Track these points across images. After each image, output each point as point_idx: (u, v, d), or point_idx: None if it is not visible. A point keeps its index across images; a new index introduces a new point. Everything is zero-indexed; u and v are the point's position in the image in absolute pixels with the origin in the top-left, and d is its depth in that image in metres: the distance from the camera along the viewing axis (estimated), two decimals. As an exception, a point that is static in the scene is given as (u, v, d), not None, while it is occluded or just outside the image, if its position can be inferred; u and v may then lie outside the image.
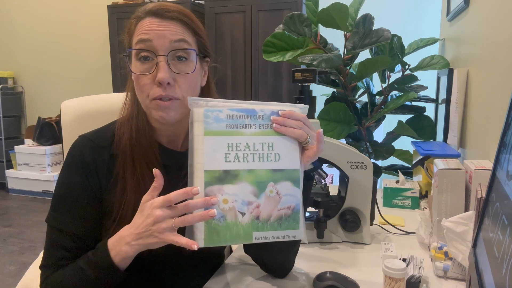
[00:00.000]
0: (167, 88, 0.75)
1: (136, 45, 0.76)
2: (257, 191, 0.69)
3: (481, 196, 0.67)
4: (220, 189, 0.67)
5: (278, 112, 0.72)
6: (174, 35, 0.76)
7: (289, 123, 0.71)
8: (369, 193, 1.03)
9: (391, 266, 0.72)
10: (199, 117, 0.68)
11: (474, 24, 1.42)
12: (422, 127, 1.71)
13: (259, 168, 0.69)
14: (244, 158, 0.69)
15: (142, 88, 0.77)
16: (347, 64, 1.68)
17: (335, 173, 2.63)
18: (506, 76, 1.02)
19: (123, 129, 0.82)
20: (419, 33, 2.25)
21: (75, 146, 0.82)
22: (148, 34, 0.75)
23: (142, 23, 0.77)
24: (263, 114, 0.71)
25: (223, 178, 0.67)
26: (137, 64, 0.77)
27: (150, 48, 0.75)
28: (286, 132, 0.71)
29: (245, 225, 0.67)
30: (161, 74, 0.74)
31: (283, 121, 0.71)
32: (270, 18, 3.20)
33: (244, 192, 0.68)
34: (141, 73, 0.76)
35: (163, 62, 0.75)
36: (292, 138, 0.72)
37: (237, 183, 0.68)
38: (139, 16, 0.78)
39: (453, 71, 1.57)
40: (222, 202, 0.66)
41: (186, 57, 0.78)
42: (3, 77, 4.49)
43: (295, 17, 1.69)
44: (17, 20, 4.55)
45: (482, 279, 0.53)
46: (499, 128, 0.99)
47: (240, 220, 0.67)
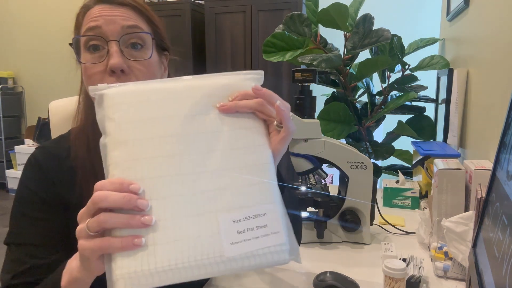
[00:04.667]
0: (121, 77, 0.66)
1: (84, 34, 0.68)
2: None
3: (481, 196, 0.67)
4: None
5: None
6: (126, 20, 0.68)
7: (244, 105, 0.54)
8: (369, 193, 1.03)
9: (391, 266, 0.72)
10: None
11: (474, 24, 1.42)
12: (422, 127, 1.71)
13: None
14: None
15: (92, 79, 0.68)
16: (347, 64, 1.68)
17: (335, 173, 2.63)
18: (506, 76, 1.02)
19: (78, 141, 0.73)
20: (419, 33, 2.25)
21: (31, 159, 0.74)
22: (97, 21, 0.67)
23: (90, 12, 0.69)
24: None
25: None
26: (86, 55, 0.69)
27: (100, 34, 0.67)
28: (239, 108, 0.54)
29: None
30: (113, 60, 0.65)
31: (234, 105, 0.54)
32: (270, 18, 3.20)
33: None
34: (91, 63, 0.68)
35: (116, 48, 0.66)
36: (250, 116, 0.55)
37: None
38: (87, 5, 0.71)
39: (453, 71, 1.57)
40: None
41: (141, 44, 0.69)
42: (3, 77, 4.49)
43: (295, 17, 1.69)
44: (17, 20, 4.55)
45: (482, 279, 0.53)
46: (499, 128, 0.99)
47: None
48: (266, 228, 0.50)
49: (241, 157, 0.53)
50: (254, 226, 0.50)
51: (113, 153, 0.49)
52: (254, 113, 0.56)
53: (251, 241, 0.49)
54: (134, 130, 0.50)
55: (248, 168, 0.53)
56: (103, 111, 0.51)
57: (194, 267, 0.47)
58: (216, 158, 0.52)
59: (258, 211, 0.51)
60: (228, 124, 0.54)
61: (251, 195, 0.51)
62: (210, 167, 0.51)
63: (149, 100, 0.52)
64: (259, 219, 0.51)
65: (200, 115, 0.53)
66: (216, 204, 0.50)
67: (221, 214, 0.49)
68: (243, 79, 0.57)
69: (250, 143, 0.54)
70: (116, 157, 0.49)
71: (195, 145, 0.52)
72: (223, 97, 0.55)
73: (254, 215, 0.50)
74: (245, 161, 0.53)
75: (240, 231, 0.49)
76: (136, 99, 0.52)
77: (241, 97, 0.54)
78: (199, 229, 0.48)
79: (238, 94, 0.55)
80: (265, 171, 0.53)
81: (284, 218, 0.53)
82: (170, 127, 0.51)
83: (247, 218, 0.50)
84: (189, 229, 0.48)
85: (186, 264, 0.46)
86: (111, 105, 0.51)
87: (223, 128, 0.54)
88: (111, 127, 0.50)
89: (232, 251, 0.48)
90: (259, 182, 0.53)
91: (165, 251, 0.46)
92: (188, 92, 0.54)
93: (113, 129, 0.50)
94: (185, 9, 3.39)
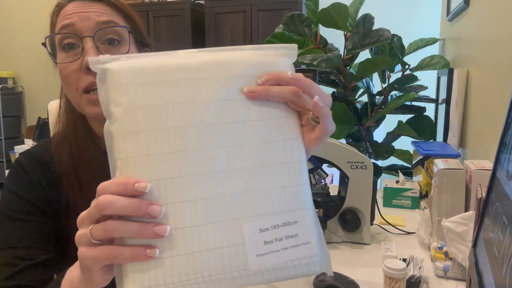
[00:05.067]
0: None
1: (58, 32, 0.66)
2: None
3: (481, 196, 0.67)
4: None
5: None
6: (101, 16, 0.65)
7: (276, 93, 0.46)
8: (369, 193, 1.03)
9: (391, 266, 0.72)
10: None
11: (474, 24, 1.42)
12: (422, 127, 1.71)
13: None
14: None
15: (69, 79, 0.65)
16: (347, 64, 1.68)
17: (335, 173, 2.63)
18: (506, 76, 1.02)
19: (60, 147, 0.70)
20: (419, 33, 2.25)
21: (15, 165, 0.71)
22: (71, 18, 0.64)
23: (64, 10, 0.66)
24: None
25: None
26: (61, 55, 0.66)
27: (74, 31, 0.64)
28: (270, 96, 0.46)
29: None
30: (89, 56, 0.62)
31: (265, 92, 0.45)
32: (270, 18, 3.20)
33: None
34: (66, 62, 0.65)
35: (90, 44, 0.63)
36: (281, 105, 0.47)
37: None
38: (61, 3, 0.68)
39: (453, 71, 1.57)
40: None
41: (118, 40, 0.66)
42: (3, 77, 4.49)
43: (295, 17, 1.69)
44: (17, 20, 4.55)
45: (482, 279, 0.53)
46: (499, 128, 0.99)
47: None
48: (296, 238, 0.44)
49: (270, 154, 0.46)
50: (283, 235, 0.44)
51: (121, 145, 0.42)
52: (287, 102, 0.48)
53: (279, 252, 0.44)
54: (146, 118, 0.42)
55: (278, 166, 0.46)
56: (107, 92, 0.43)
57: (216, 281, 0.42)
58: (242, 154, 0.45)
59: (289, 219, 0.45)
60: (256, 112, 0.46)
61: (281, 199, 0.45)
62: (235, 165, 0.44)
63: (164, 81, 0.44)
64: (289, 228, 0.45)
65: (224, 101, 0.45)
66: (241, 210, 0.43)
67: (247, 222, 0.43)
68: (273, 54, 0.48)
69: (281, 136, 0.46)
70: (125, 151, 0.42)
71: (218, 138, 0.44)
72: (251, 78, 0.46)
73: (283, 223, 0.44)
74: (274, 158, 0.46)
75: (267, 241, 0.43)
76: (148, 79, 0.43)
77: (273, 81, 0.46)
78: (221, 239, 0.42)
79: (269, 77, 0.46)
80: (298, 170, 0.46)
81: (316, 226, 0.46)
82: (189, 115, 0.43)
83: (275, 226, 0.44)
84: (210, 238, 0.42)
85: (206, 278, 0.41)
86: (118, 85, 0.43)
87: (250, 117, 0.46)
88: (118, 113, 0.42)
89: (257, 263, 0.43)
90: (290, 184, 0.45)
91: (182, 263, 0.41)
92: (211, 72, 0.45)
93: (120, 115, 0.42)
94: (185, 9, 3.40)
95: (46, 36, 0.68)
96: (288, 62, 0.49)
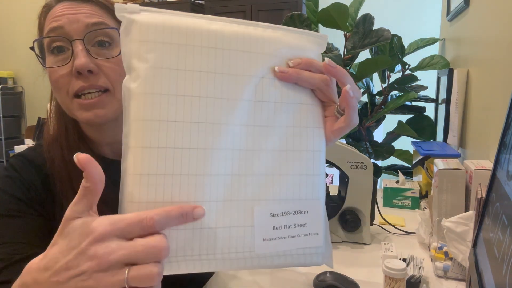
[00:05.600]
0: (90, 78, 0.61)
1: (46, 35, 0.63)
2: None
3: (481, 196, 0.67)
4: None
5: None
6: (90, 18, 0.62)
7: (306, 78, 0.45)
8: (369, 193, 1.03)
9: (391, 266, 0.72)
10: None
11: (474, 24, 1.42)
12: (422, 127, 1.71)
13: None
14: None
15: (58, 84, 0.63)
16: (347, 64, 1.68)
17: (335, 173, 2.63)
18: (506, 76, 1.02)
19: (52, 151, 0.68)
20: (419, 33, 2.24)
21: (7, 167, 0.70)
22: (59, 21, 0.62)
23: (52, 11, 0.64)
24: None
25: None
26: (50, 58, 0.64)
27: (63, 34, 0.61)
28: (300, 80, 0.45)
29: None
30: (79, 60, 0.60)
31: (296, 75, 0.44)
32: (270, 18, 3.20)
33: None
34: (55, 66, 0.62)
35: (80, 47, 0.61)
36: (308, 92, 0.46)
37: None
38: (48, 4, 0.66)
39: (453, 71, 1.57)
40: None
41: (109, 42, 0.64)
42: (3, 77, 4.49)
43: (295, 17, 1.69)
44: (17, 20, 4.55)
45: (482, 279, 0.53)
46: (499, 128, 0.99)
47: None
48: (305, 228, 0.44)
49: (291, 139, 0.44)
50: (292, 223, 0.44)
51: (140, 105, 0.39)
52: (314, 90, 0.46)
53: (286, 239, 0.43)
54: (170, 81, 0.40)
55: (297, 153, 0.44)
56: (131, 44, 0.40)
57: (219, 260, 0.41)
58: (263, 135, 0.43)
59: (300, 207, 0.44)
60: (283, 94, 0.44)
61: (296, 187, 0.44)
62: (255, 145, 0.43)
63: (194, 45, 0.41)
64: (299, 217, 0.44)
65: (253, 77, 0.43)
66: (255, 191, 0.42)
67: (259, 205, 0.42)
68: (305, 40, 0.47)
69: (304, 123, 0.45)
70: (143, 112, 0.39)
71: (242, 115, 0.42)
72: (282, 58, 0.45)
73: (294, 211, 0.44)
74: (294, 144, 0.44)
75: (276, 227, 0.43)
76: (177, 39, 0.40)
77: (304, 65, 0.44)
78: (230, 218, 0.41)
79: (301, 61, 0.45)
80: (316, 160, 0.45)
81: (325, 217, 0.46)
82: (216, 87, 0.41)
83: (286, 213, 0.43)
84: (220, 216, 0.40)
85: (210, 256, 0.40)
86: (145, 41, 0.40)
87: (277, 98, 0.44)
88: (142, 70, 0.40)
89: (263, 248, 0.42)
90: (307, 173, 0.44)
91: (188, 238, 0.39)
92: (243, 45, 0.43)
93: (143, 73, 0.40)
94: (185, 9, 3.40)
95: (34, 40, 0.66)
96: (318, 50, 0.48)
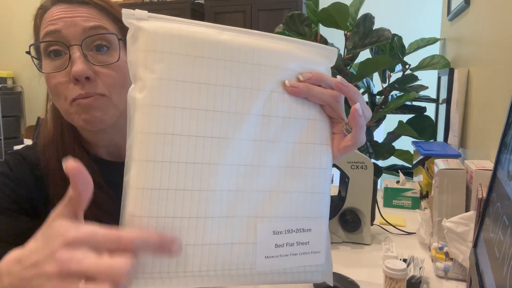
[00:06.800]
0: (87, 85, 0.60)
1: (43, 39, 0.61)
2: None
3: (481, 196, 0.67)
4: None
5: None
6: (88, 21, 0.61)
7: (317, 93, 0.44)
8: (370, 193, 1.03)
9: (391, 267, 0.72)
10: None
11: (474, 24, 1.42)
12: (422, 127, 1.71)
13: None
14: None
15: (57, 90, 0.61)
16: (348, 64, 1.68)
17: (335, 173, 2.62)
18: (506, 76, 1.02)
19: (48, 153, 0.67)
20: (420, 33, 2.24)
21: (2, 163, 0.68)
22: (56, 24, 0.60)
23: (48, 13, 0.62)
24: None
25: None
26: (46, 63, 0.62)
27: (60, 39, 0.60)
28: (310, 96, 0.44)
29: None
30: (76, 66, 0.58)
31: (307, 90, 0.43)
32: (270, 18, 3.20)
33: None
34: (52, 71, 0.61)
35: (78, 53, 0.59)
36: (318, 108, 0.45)
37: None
38: (44, 6, 0.64)
39: (453, 71, 1.57)
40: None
41: (107, 46, 0.62)
42: (2, 77, 4.49)
43: (295, 17, 1.69)
44: (17, 20, 4.55)
45: (482, 280, 0.52)
46: (499, 128, 0.99)
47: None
48: (307, 246, 0.44)
49: (297, 155, 0.43)
50: (295, 241, 0.43)
51: (145, 117, 0.38)
52: (323, 106, 0.45)
53: (287, 257, 0.43)
54: (177, 94, 0.39)
55: (303, 170, 0.44)
56: (137, 53, 0.39)
57: (220, 276, 0.40)
58: (270, 150, 0.42)
59: (303, 225, 0.43)
60: (292, 109, 0.43)
61: (300, 205, 0.43)
62: (261, 161, 0.42)
63: (202, 56, 0.40)
64: (302, 235, 0.43)
65: (262, 91, 0.42)
66: (258, 208, 0.41)
67: (262, 222, 0.41)
68: (316, 53, 0.46)
69: (311, 139, 0.44)
70: (148, 125, 0.38)
71: (249, 130, 0.41)
72: (292, 72, 0.44)
73: (297, 229, 0.43)
74: (301, 161, 0.43)
75: (278, 244, 0.42)
76: (186, 50, 0.39)
77: (314, 80, 0.44)
78: (232, 235, 0.40)
79: (312, 75, 0.44)
80: (322, 178, 0.45)
81: (327, 235, 0.46)
82: (223, 100, 0.40)
83: (289, 231, 0.43)
84: (222, 232, 0.40)
85: (211, 273, 0.39)
86: (152, 50, 0.38)
87: (285, 113, 0.43)
88: (149, 81, 0.38)
89: (264, 265, 0.41)
90: (313, 190, 0.44)
91: (189, 254, 0.38)
92: (253, 57, 0.42)
93: (150, 84, 0.38)
94: (185, 8, 3.40)
95: (31, 45, 0.64)
96: (327, 64, 0.47)
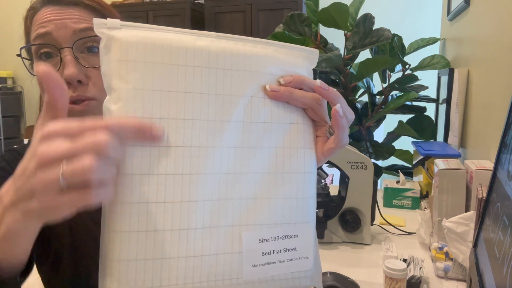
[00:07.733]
0: (78, 88, 0.60)
1: (33, 42, 0.61)
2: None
3: (481, 196, 0.67)
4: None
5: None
6: (78, 23, 0.60)
7: (298, 97, 0.43)
8: (370, 193, 1.03)
9: (391, 267, 0.72)
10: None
11: (474, 24, 1.42)
12: (422, 127, 1.70)
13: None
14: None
15: None
16: (348, 64, 1.68)
17: (335, 173, 2.62)
18: (507, 76, 1.02)
19: None
20: (420, 33, 2.24)
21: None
22: (46, 27, 0.59)
23: (38, 15, 0.61)
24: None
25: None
26: (38, 65, 0.61)
27: (50, 42, 0.60)
28: (292, 99, 0.43)
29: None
30: (68, 70, 0.58)
31: (288, 94, 0.42)
32: (270, 18, 3.20)
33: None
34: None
35: (69, 56, 0.59)
36: (300, 112, 0.44)
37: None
38: (34, 7, 0.63)
39: (453, 71, 1.57)
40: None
41: (98, 47, 0.62)
42: (2, 77, 4.49)
43: (295, 17, 1.69)
44: (16, 20, 4.55)
45: (483, 280, 0.52)
46: (500, 128, 0.99)
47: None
48: (294, 252, 0.43)
49: (281, 160, 0.42)
50: (282, 248, 0.42)
51: None
52: (305, 109, 0.45)
53: (275, 265, 0.42)
54: (153, 104, 0.37)
55: (287, 175, 0.43)
56: (110, 63, 0.37)
57: (205, 287, 0.39)
58: (253, 157, 0.41)
59: (290, 232, 0.42)
60: (273, 114, 0.42)
61: (285, 210, 0.42)
62: (243, 168, 0.41)
63: (178, 64, 0.38)
64: (289, 241, 0.42)
65: (241, 96, 0.41)
66: (243, 216, 0.41)
67: (247, 230, 0.41)
68: (296, 55, 0.45)
69: (294, 144, 0.43)
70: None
71: (229, 137, 0.40)
72: (272, 76, 0.42)
73: (284, 236, 0.42)
74: (284, 166, 0.43)
75: (265, 252, 0.41)
76: (161, 58, 0.38)
77: (296, 83, 0.43)
78: (217, 245, 0.39)
79: (293, 79, 0.43)
80: (306, 182, 0.44)
81: (315, 240, 0.45)
82: (201, 108, 0.39)
83: (275, 238, 0.42)
84: (206, 243, 0.39)
85: (196, 285, 0.39)
86: (125, 60, 0.37)
87: (267, 118, 0.42)
88: (123, 92, 0.37)
89: (251, 274, 0.41)
90: (297, 196, 0.43)
91: (173, 267, 0.38)
92: (231, 63, 0.40)
93: (125, 95, 0.37)
94: (185, 8, 3.39)
95: (21, 48, 0.63)
96: (309, 66, 0.46)
